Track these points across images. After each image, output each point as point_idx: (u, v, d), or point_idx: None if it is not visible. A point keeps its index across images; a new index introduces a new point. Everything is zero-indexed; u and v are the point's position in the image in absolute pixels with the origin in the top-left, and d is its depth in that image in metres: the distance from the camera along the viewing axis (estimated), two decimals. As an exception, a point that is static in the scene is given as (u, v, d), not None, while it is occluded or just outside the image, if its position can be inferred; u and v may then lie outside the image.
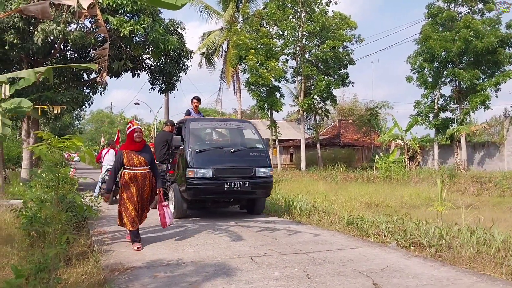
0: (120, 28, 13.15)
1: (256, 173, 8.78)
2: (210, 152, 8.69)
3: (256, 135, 9.67)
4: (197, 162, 8.39)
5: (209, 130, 10.13)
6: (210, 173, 8.36)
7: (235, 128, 9.91)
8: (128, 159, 6.05)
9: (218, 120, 11.19)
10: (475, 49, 23.35)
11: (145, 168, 6.14)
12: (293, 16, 26.99)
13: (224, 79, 32.74)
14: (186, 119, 9.42)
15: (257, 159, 9.01)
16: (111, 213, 9.73)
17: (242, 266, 5.09)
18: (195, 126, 9.24)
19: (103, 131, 56.03)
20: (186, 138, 8.75)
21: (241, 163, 8.79)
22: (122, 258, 5.46)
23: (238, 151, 8.91)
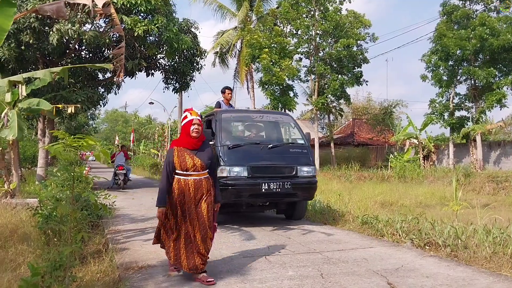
0: (134, 27, 13.25)
1: (297, 172, 7.75)
2: (245, 148, 7.68)
3: (296, 128, 8.63)
4: (230, 159, 7.39)
5: (243, 123, 9.11)
6: (245, 172, 7.36)
7: (272, 121, 8.84)
8: (180, 159, 4.50)
9: (253, 112, 9.73)
10: (491, 47, 23.01)
11: (200, 173, 4.55)
12: (306, 15, 26.90)
13: (237, 78, 32.76)
14: (217, 111, 8.44)
15: (299, 156, 7.98)
16: (126, 211, 9.82)
17: (256, 265, 5.09)
18: (227, 118, 8.21)
19: (117, 130, 56.52)
20: (217, 132, 7.72)
21: (281, 160, 7.79)
22: (136, 257, 5.49)
23: (276, 147, 7.89)
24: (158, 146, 42.59)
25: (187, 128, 4.59)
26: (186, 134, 4.59)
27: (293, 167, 7.75)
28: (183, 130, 4.64)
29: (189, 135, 4.58)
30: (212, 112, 8.73)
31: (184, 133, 4.62)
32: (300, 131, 8.50)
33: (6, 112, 9.28)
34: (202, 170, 4.56)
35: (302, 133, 8.46)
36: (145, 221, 8.43)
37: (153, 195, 14.03)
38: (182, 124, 4.66)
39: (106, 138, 61.10)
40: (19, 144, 11.43)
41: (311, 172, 7.91)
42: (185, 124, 4.63)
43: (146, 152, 43.38)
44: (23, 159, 21.56)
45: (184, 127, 4.62)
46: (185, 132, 4.61)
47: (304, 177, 7.81)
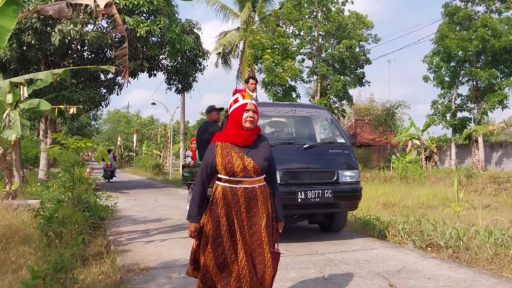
0: (136, 28, 13.28)
1: (339, 177, 6.54)
2: (276, 149, 6.29)
3: (334, 124, 7.43)
4: None
5: (272, 119, 7.75)
6: (279, 178, 5.92)
7: (305, 116, 7.47)
8: (225, 160, 3.20)
9: (283, 105, 8.30)
10: (493, 48, 22.99)
11: (254, 180, 3.21)
12: (309, 16, 26.88)
13: (240, 79, 32.74)
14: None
15: (340, 159, 6.77)
16: (128, 213, 9.82)
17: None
18: None
19: (119, 131, 56.51)
20: None
21: (319, 164, 6.57)
22: (138, 259, 5.49)
23: (313, 148, 6.65)
24: (161, 147, 42.64)
25: (237, 116, 3.26)
26: (236, 124, 3.25)
27: (333, 172, 6.54)
28: (231, 119, 3.33)
29: (240, 125, 3.23)
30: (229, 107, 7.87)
31: (233, 122, 3.28)
32: (339, 128, 7.36)
33: (7, 113, 9.30)
34: (256, 175, 3.21)
35: (341, 130, 7.30)
36: (147, 223, 8.43)
37: (155, 196, 14.13)
38: (231, 111, 3.35)
39: (109, 138, 61.17)
40: (21, 145, 11.45)
41: (355, 177, 6.73)
42: (235, 110, 3.30)
43: (149, 153, 43.43)
44: (25, 160, 21.60)
45: (234, 114, 3.30)
46: (234, 121, 3.27)
47: (347, 184, 6.63)
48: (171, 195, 14.70)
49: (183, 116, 29.90)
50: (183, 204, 11.60)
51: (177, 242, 6.56)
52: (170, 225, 8.09)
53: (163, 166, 32.48)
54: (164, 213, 9.87)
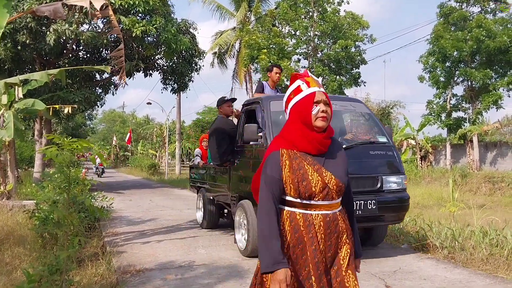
0: (132, 28, 13.23)
1: (383, 184, 5.48)
2: None
3: (373, 120, 6.32)
4: None
5: None
6: None
7: (339, 111, 6.21)
8: (296, 175, 2.20)
9: None
10: (487, 48, 23.09)
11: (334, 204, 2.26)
12: (305, 16, 26.89)
13: (236, 79, 32.73)
14: (263, 98, 6.00)
15: (383, 162, 5.69)
16: (123, 213, 9.79)
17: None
18: (279, 108, 5.37)
19: (115, 130, 56.33)
20: (266, 128, 5.44)
21: (359, 168, 5.41)
22: (134, 260, 5.47)
23: (351, 149, 5.40)
24: (157, 146, 42.56)
25: (304, 111, 2.23)
26: (304, 122, 2.24)
27: (377, 178, 5.48)
28: (295, 116, 2.28)
29: (310, 124, 2.23)
30: (255, 99, 6.27)
31: (299, 120, 2.26)
32: (379, 124, 6.21)
33: (2, 113, 9.25)
34: (338, 196, 2.26)
35: (382, 126, 6.16)
36: (143, 223, 8.41)
37: (151, 196, 14.10)
38: (292, 104, 2.30)
39: (104, 138, 60.98)
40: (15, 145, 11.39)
41: (401, 183, 5.65)
42: (299, 103, 2.27)
43: (144, 153, 43.33)
44: (19, 160, 21.50)
45: (298, 108, 2.26)
46: (301, 118, 2.25)
47: (393, 192, 5.56)
48: (166, 195, 14.67)
49: (179, 116, 29.85)
50: (179, 205, 11.59)
51: (173, 243, 6.55)
52: (166, 226, 8.08)
53: (158, 166, 32.41)
54: (160, 213, 9.85)
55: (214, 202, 7.49)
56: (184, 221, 8.68)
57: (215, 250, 6.01)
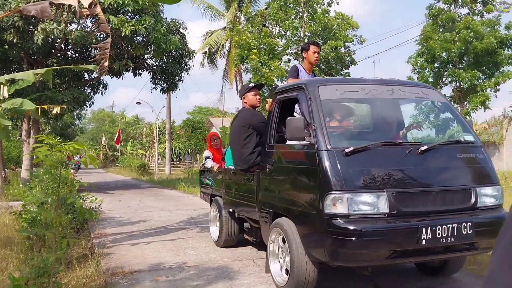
0: (121, 28, 13.14)
1: (477, 199, 4.03)
2: (376, 154, 3.95)
3: (450, 112, 4.93)
4: (350, 177, 3.75)
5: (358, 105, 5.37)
6: (384, 205, 3.67)
7: (408, 99, 5.07)
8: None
9: (373, 83, 4.76)
10: (475, 50, 23.37)
11: None
12: (295, 16, 26.95)
13: (226, 79, 32.69)
14: (307, 82, 4.46)
15: (474, 168, 4.28)
16: (112, 214, 9.72)
17: (244, 269, 5.05)
18: (331, 95, 4.37)
19: (104, 130, 56.01)
20: (315, 123, 3.97)
21: (447, 177, 4.07)
22: (123, 261, 5.43)
23: (432, 150, 4.02)
24: (146, 146, 42.33)
25: None
26: None
27: (470, 191, 4.03)
28: None
29: None
30: (294, 84, 4.72)
31: None
32: (460, 117, 4.82)
33: (-11, 113, 9.12)
34: None
35: (464, 120, 4.72)
36: (132, 224, 8.35)
37: (140, 197, 14.01)
38: None
39: (93, 138, 60.57)
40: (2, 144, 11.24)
41: (498, 196, 4.18)
42: None
43: (134, 153, 43.09)
44: (7, 160, 21.25)
45: None
46: None
47: (489, 209, 4.10)
48: (156, 196, 14.60)
49: (168, 116, 29.74)
50: (168, 205, 11.53)
51: (163, 244, 6.51)
52: (155, 227, 8.03)
53: (148, 166, 32.25)
54: (149, 214, 9.79)
55: (234, 215, 5.92)
56: (173, 222, 8.63)
57: (204, 252, 5.98)
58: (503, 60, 23.88)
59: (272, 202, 4.54)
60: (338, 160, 3.71)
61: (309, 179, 3.94)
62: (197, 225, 8.25)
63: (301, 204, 3.98)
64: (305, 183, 4.00)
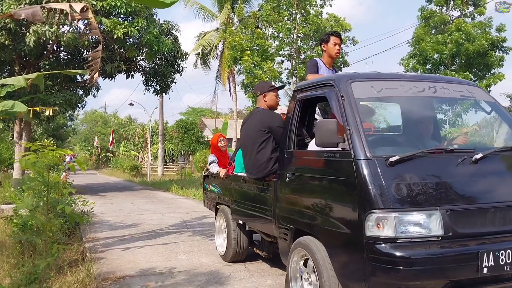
0: (113, 30, 13.11)
1: None
2: (424, 164, 3.34)
3: (500, 113, 4.24)
4: (397, 192, 3.12)
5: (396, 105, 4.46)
6: (438, 226, 3.05)
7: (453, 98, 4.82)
8: None
9: (412, 78, 4.27)
10: (467, 52, 23.54)
11: None
12: (288, 18, 27.01)
13: (219, 80, 32.70)
14: (337, 78, 3.81)
15: None
16: (104, 217, 9.71)
17: (235, 274, 5.08)
18: (366, 93, 3.77)
19: (96, 131, 55.74)
20: (351, 126, 3.36)
21: (508, 191, 3.45)
22: (114, 266, 5.43)
23: (487, 158, 3.42)
24: (139, 147, 42.22)
25: None
26: None
27: None
28: None
29: None
30: (318, 81, 4.09)
31: None
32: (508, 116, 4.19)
33: (-20, 116, 9.08)
34: None
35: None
36: (124, 228, 8.34)
37: (133, 199, 13.99)
38: None
39: (85, 139, 60.26)
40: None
41: None
42: None
43: (126, 154, 42.96)
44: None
45: None
46: None
47: None
48: (148, 198, 14.58)
49: (161, 117, 29.71)
50: (161, 208, 11.52)
51: (155, 249, 6.52)
52: (147, 231, 8.03)
53: (141, 167, 32.17)
54: (142, 217, 9.78)
55: (244, 228, 5.42)
56: (165, 225, 8.64)
57: (196, 256, 6.00)
58: (494, 62, 24.07)
59: (293, 217, 3.93)
60: (380, 171, 3.10)
61: (344, 194, 3.28)
62: (189, 228, 8.26)
63: (333, 223, 3.35)
64: (338, 198, 3.36)
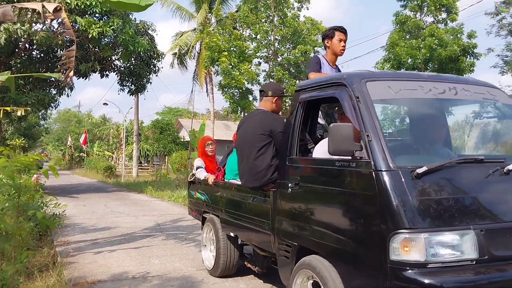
0: (88, 29, 12.94)
1: None
2: (452, 175, 2.87)
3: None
4: (426, 209, 2.66)
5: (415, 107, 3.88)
6: (472, 247, 2.59)
7: (475, 100, 3.78)
8: None
9: (431, 79, 3.63)
10: (439, 57, 24.08)
11: None
12: (265, 20, 27.11)
13: (197, 80, 32.54)
14: (347, 77, 3.28)
15: None
16: (76, 220, 9.55)
17: (208, 279, 5.07)
18: (383, 94, 3.27)
19: (70, 130, 54.75)
20: (369, 130, 2.86)
21: None
22: (86, 271, 5.36)
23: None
24: (113, 148, 41.66)
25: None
26: None
27: None
28: None
29: None
30: (325, 80, 3.61)
31: None
32: None
33: None
34: None
35: None
36: (97, 231, 8.22)
37: (106, 201, 13.80)
38: None
39: (58, 138, 59.18)
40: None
41: None
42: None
43: (100, 154, 42.33)
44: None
45: None
46: None
47: None
48: (122, 200, 14.40)
49: (136, 117, 29.38)
50: (134, 211, 11.40)
51: (127, 252, 6.45)
52: (120, 234, 7.93)
53: (115, 168, 31.74)
54: (115, 220, 9.66)
55: (236, 240, 4.93)
56: (139, 228, 8.55)
57: (169, 260, 5.96)
58: (466, 68, 24.68)
59: (296, 232, 3.45)
60: (406, 184, 2.65)
61: (362, 210, 2.82)
62: (163, 232, 8.20)
63: (347, 243, 2.88)
64: (355, 214, 2.89)
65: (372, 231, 2.72)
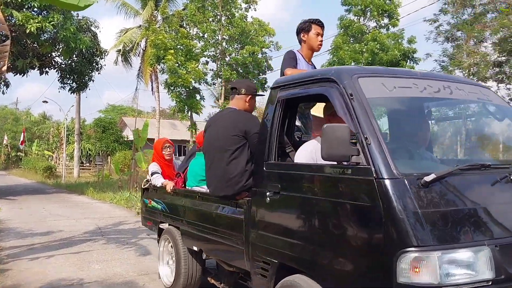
0: (26, 24, 12.35)
1: None
2: (460, 184, 2.49)
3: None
4: (436, 223, 2.26)
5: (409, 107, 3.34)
6: (487, 266, 2.20)
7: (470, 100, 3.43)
8: None
9: (425, 76, 3.26)
10: (381, 61, 24.95)
11: None
12: (213, 19, 27.05)
13: (141, 78, 31.94)
14: (335, 72, 2.89)
15: None
16: (11, 224, 9.12)
17: (150, 284, 5.00)
18: (377, 92, 2.85)
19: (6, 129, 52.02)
20: (368, 134, 2.46)
21: None
22: (20, 279, 5.13)
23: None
24: (53, 147, 40.01)
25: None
26: None
27: None
28: None
29: None
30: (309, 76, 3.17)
31: None
32: None
33: None
34: None
35: None
36: (34, 236, 7.87)
37: (45, 203, 13.26)
38: None
39: (-7, 137, 56.14)
40: None
41: None
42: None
43: (39, 154, 40.53)
44: None
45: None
46: None
47: None
48: (62, 202, 13.88)
49: (78, 116, 28.43)
50: (75, 213, 11.02)
51: (66, 258, 6.24)
52: (59, 238, 7.65)
53: (55, 168, 30.53)
54: (54, 224, 9.29)
55: (199, 255, 4.39)
56: (79, 232, 8.28)
57: (110, 265, 5.82)
58: (406, 72, 25.85)
59: (276, 248, 2.98)
60: (413, 194, 2.29)
61: (361, 224, 2.43)
62: (104, 236, 7.98)
63: (342, 262, 2.49)
64: (351, 229, 2.47)
65: (373, 248, 2.31)
